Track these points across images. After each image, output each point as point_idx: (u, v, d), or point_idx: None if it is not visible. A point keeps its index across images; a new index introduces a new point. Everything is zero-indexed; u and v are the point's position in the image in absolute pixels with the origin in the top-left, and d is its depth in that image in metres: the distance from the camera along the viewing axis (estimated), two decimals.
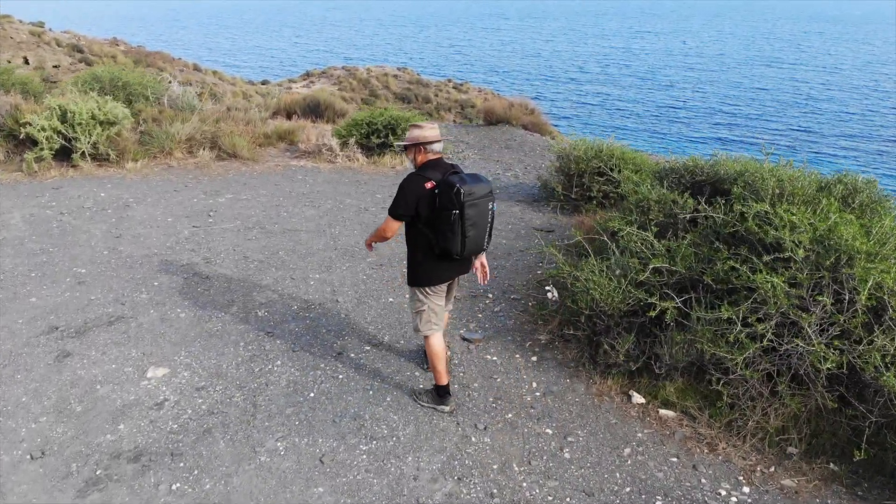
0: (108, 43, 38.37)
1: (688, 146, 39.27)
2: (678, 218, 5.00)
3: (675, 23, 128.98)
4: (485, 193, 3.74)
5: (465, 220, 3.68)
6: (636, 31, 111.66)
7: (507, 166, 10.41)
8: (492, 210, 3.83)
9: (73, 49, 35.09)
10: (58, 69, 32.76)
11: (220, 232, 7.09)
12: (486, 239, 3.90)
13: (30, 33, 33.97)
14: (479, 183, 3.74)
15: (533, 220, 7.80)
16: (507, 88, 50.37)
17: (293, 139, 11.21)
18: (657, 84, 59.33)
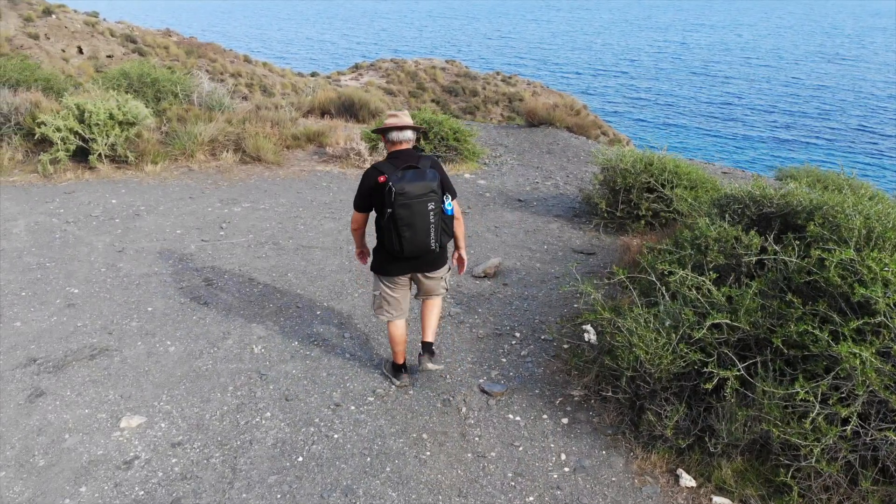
0: (160, 34, 38.78)
1: (743, 145, 37.59)
2: (742, 260, 4.19)
3: (732, 15, 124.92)
4: (420, 193, 3.62)
5: (397, 219, 3.65)
6: (691, 23, 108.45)
7: (548, 174, 9.63)
8: (432, 210, 3.68)
9: (127, 39, 35.51)
10: (111, 59, 33.17)
11: (229, 248, 6.54)
12: (430, 240, 3.75)
13: (84, 23, 34.49)
14: (417, 181, 3.62)
15: (572, 240, 7.03)
16: (556, 81, 49.31)
17: (322, 141, 10.65)
18: (711, 79, 57.25)
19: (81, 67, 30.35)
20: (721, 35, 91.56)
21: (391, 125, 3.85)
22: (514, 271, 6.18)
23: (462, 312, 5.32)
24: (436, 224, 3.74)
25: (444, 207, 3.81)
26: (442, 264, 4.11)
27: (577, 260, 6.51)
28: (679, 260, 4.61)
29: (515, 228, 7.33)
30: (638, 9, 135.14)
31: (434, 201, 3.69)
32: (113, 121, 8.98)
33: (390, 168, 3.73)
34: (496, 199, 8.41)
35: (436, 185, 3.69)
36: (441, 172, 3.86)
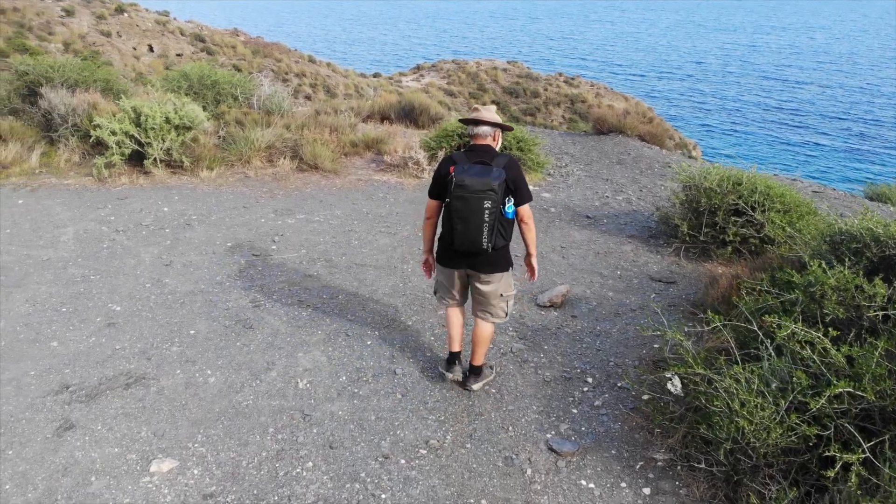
0: (228, 33, 39.54)
1: (815, 154, 35.64)
2: (864, 313, 3.53)
3: (804, 17, 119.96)
4: (478, 189, 3.59)
5: (452, 211, 3.68)
6: (761, 25, 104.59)
7: (619, 187, 8.97)
8: (488, 209, 3.61)
9: (196, 38, 36.29)
10: (180, 57, 33.92)
11: (280, 265, 6.18)
12: (482, 238, 3.68)
13: (155, 22, 35.40)
14: (478, 177, 3.60)
15: (649, 265, 6.39)
16: (619, 83, 48.12)
17: (380, 149, 10.26)
18: (781, 84, 54.86)
19: (152, 65, 31.10)
20: (792, 37, 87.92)
21: (468, 118, 3.86)
22: (583, 301, 5.61)
23: (526, 349, 4.79)
24: (490, 223, 3.66)
25: (503, 209, 3.72)
26: (499, 268, 3.95)
27: (656, 290, 5.88)
28: (784, 306, 3.97)
29: (584, 250, 6.74)
30: (706, 10, 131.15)
31: (492, 200, 3.61)
32: (169, 125, 8.80)
33: (463, 159, 3.76)
34: (562, 216, 7.82)
35: (497, 184, 3.60)
36: (514, 174, 3.73)
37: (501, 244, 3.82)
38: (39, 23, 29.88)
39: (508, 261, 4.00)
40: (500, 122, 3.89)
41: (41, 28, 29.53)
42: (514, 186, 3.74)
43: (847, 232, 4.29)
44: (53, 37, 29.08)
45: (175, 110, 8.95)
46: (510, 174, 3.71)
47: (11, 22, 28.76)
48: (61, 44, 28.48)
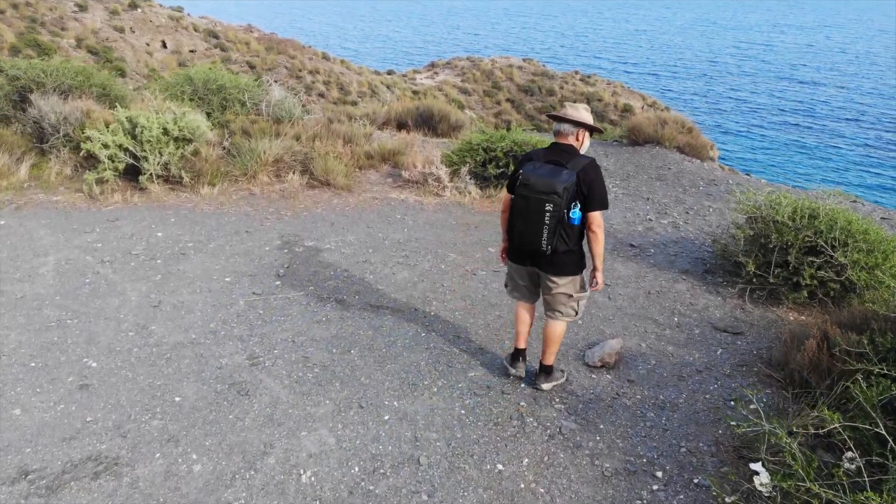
0: (242, 29, 38.92)
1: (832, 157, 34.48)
2: None
3: (821, 14, 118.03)
4: (541, 190, 3.53)
5: (514, 208, 3.69)
6: (777, 23, 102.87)
7: (662, 209, 8.10)
8: (549, 211, 3.54)
9: (210, 34, 35.76)
10: (194, 54, 33.34)
11: (284, 306, 5.38)
12: (542, 240, 3.61)
13: (169, 17, 34.83)
14: (545, 178, 3.54)
15: (709, 310, 5.53)
16: (633, 81, 47.19)
17: (397, 161, 9.45)
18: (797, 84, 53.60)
19: (165, 62, 30.55)
20: (809, 37, 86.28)
21: (553, 114, 3.80)
22: (639, 358, 4.77)
23: (578, 429, 3.95)
24: (551, 226, 3.59)
25: (567, 214, 3.61)
26: (566, 271, 3.85)
27: (721, 343, 5.03)
28: None
29: (632, 288, 5.90)
30: (722, 8, 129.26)
31: (554, 203, 3.53)
32: (167, 136, 8.04)
33: (540, 156, 3.74)
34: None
35: (563, 187, 3.51)
36: (589, 178, 3.60)
37: (563, 249, 3.71)
38: (52, 18, 29.35)
39: (578, 264, 3.88)
40: (587, 121, 3.76)
41: (54, 23, 29.00)
42: (588, 191, 3.61)
43: None
44: (66, 32, 28.55)
45: (174, 120, 8.19)
46: (585, 178, 3.59)
47: (24, 17, 28.25)
48: (74, 39, 27.95)
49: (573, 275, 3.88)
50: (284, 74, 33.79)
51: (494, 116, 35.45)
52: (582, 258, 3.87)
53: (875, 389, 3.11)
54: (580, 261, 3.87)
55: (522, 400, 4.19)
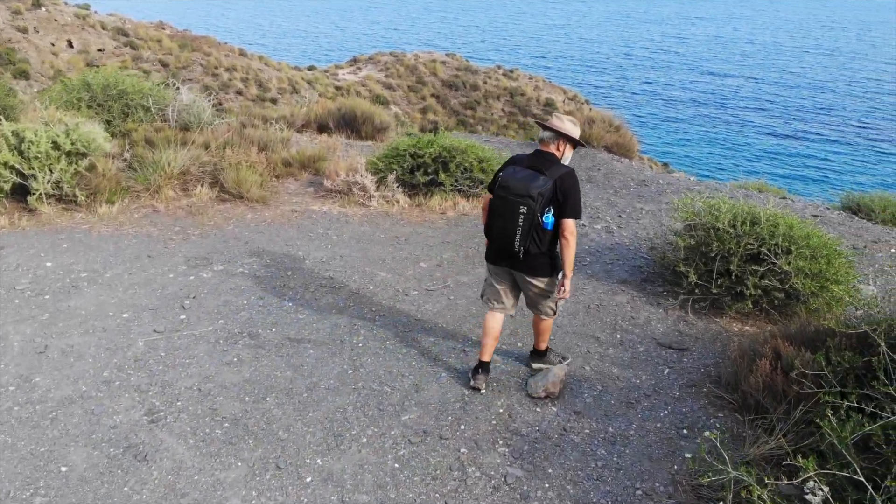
0: (153, 26, 36.95)
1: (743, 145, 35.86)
2: None
3: (729, 6, 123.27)
4: (517, 193, 3.70)
5: (492, 207, 3.87)
6: (687, 16, 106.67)
7: (594, 213, 7.84)
8: (522, 214, 3.71)
9: (119, 32, 33.85)
10: (102, 53, 31.37)
11: (190, 345, 4.78)
12: (515, 241, 3.78)
13: (75, 16, 32.68)
14: (521, 182, 3.71)
15: (652, 324, 5.27)
16: (552, 75, 47.81)
17: (319, 168, 8.88)
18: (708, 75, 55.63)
19: (71, 62, 28.66)
20: (717, 28, 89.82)
21: (540, 121, 4.05)
22: (584, 383, 4.43)
23: (525, 477, 3.56)
24: (524, 228, 3.74)
25: (541, 217, 3.74)
26: (540, 272, 4.00)
27: (667, 360, 4.76)
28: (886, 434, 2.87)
29: (571, 303, 5.57)
30: (635, 1, 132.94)
31: (528, 206, 3.69)
32: (59, 151, 7.21)
33: (521, 161, 3.90)
34: None
35: (537, 192, 3.67)
36: (565, 187, 3.75)
37: (535, 251, 3.85)
38: None
39: (552, 266, 4.01)
40: (570, 133, 3.88)
41: None
42: (563, 198, 3.75)
43: None
44: None
45: (66, 133, 7.36)
46: (561, 185, 3.73)
47: None
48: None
49: (547, 276, 4.02)
50: (200, 72, 32.33)
51: (420, 112, 35.11)
52: (555, 261, 4.00)
53: (848, 426, 2.85)
54: (553, 263, 3.99)
55: (463, 446, 3.77)
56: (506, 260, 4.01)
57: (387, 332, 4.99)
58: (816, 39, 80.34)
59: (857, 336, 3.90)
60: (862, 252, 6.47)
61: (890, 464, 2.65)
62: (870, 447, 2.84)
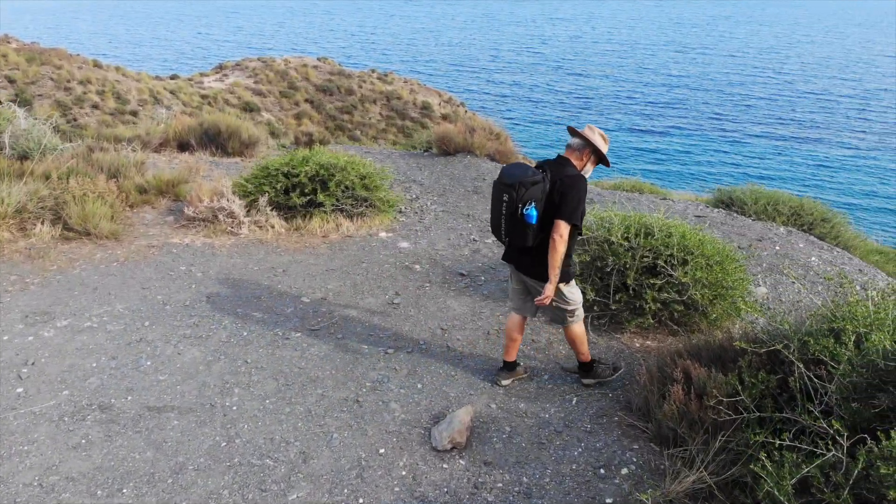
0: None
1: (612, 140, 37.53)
2: None
3: (588, 7, 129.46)
4: (505, 183, 3.76)
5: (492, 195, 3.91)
6: (549, 17, 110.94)
7: (484, 226, 7.54)
8: (505, 203, 3.77)
9: None
10: None
11: (28, 427, 3.95)
12: (501, 228, 3.89)
13: None
14: (515, 174, 3.76)
15: (554, 347, 4.98)
16: (423, 79, 47.98)
17: (179, 193, 8.02)
18: (572, 74, 58.01)
19: None
20: (578, 27, 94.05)
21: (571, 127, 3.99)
22: (492, 426, 4.05)
23: None
24: (506, 217, 3.80)
25: (522, 209, 3.73)
26: (539, 277, 3.93)
27: (574, 387, 4.47)
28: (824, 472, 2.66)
29: (470, 330, 5.20)
30: (500, 3, 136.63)
31: (509, 195, 3.73)
32: None
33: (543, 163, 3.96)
34: (430, 275, 6.23)
35: (519, 182, 3.69)
36: (563, 187, 3.74)
37: (519, 243, 3.85)
38: None
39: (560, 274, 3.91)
40: (597, 144, 3.88)
41: None
42: (559, 199, 3.73)
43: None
44: None
45: None
46: (560, 186, 3.73)
47: None
48: None
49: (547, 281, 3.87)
50: (50, 87, 29.66)
51: (294, 118, 34.10)
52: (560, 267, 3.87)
53: (785, 471, 2.61)
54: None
55: None
56: (512, 258, 4.07)
57: (265, 387, 4.38)
58: (668, 36, 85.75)
59: (767, 352, 3.75)
60: (750, 253, 6.56)
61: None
62: (807, 488, 2.62)
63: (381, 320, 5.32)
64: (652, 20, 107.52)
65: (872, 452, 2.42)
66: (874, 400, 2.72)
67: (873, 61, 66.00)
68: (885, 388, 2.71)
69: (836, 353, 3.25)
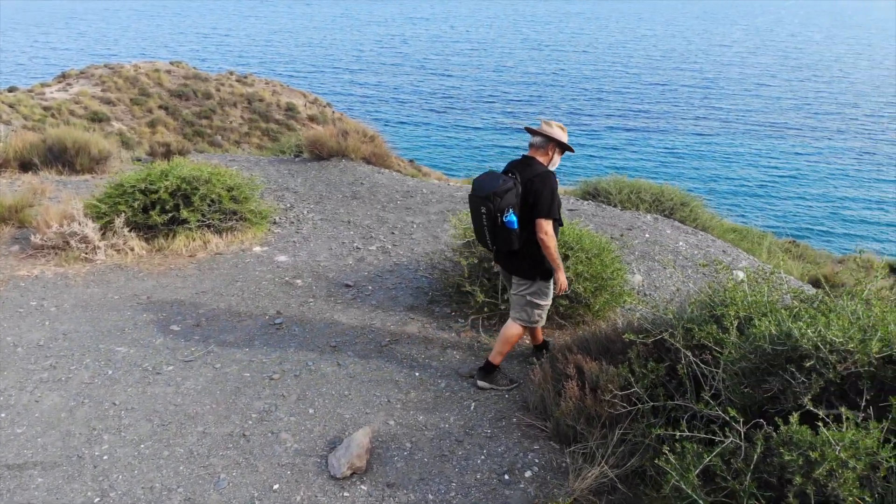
0: None
1: (473, 138, 38.47)
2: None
3: (446, 6, 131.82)
4: (479, 195, 3.86)
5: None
6: (409, 16, 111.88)
7: (367, 232, 7.35)
8: (484, 214, 3.87)
9: None
10: None
11: None
12: (486, 239, 4.00)
13: None
14: (486, 184, 3.86)
15: (447, 353, 4.90)
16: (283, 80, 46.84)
17: (24, 219, 7.21)
18: (435, 74, 58.90)
19: None
20: (437, 27, 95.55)
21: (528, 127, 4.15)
22: (392, 444, 3.89)
23: None
24: (488, 227, 3.90)
25: (501, 217, 3.83)
26: (523, 273, 4.11)
27: (471, 393, 4.41)
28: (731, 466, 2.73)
29: (361, 344, 5.01)
30: (360, 3, 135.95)
31: (486, 206, 3.83)
32: None
33: (508, 165, 4.12)
34: (314, 289, 5.96)
35: (493, 193, 3.77)
36: (534, 188, 3.86)
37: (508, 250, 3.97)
38: None
39: (535, 269, 4.07)
40: (558, 137, 4.00)
41: None
42: (534, 199, 3.86)
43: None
44: None
45: None
46: (531, 186, 3.86)
47: None
48: None
49: (529, 279, 4.10)
50: None
51: (148, 126, 32.10)
52: (540, 264, 4.05)
53: (688, 462, 2.65)
54: (537, 266, 4.05)
55: None
56: (499, 259, 4.23)
57: (139, 431, 3.97)
58: (523, 34, 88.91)
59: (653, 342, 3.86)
60: (623, 243, 6.81)
61: (736, 495, 2.49)
62: (711, 477, 2.69)
63: (263, 344, 5.01)
64: (507, 18, 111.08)
65: (772, 438, 2.51)
66: (765, 384, 2.83)
67: (712, 51, 71.92)
68: (773, 371, 2.83)
69: (720, 338, 3.39)
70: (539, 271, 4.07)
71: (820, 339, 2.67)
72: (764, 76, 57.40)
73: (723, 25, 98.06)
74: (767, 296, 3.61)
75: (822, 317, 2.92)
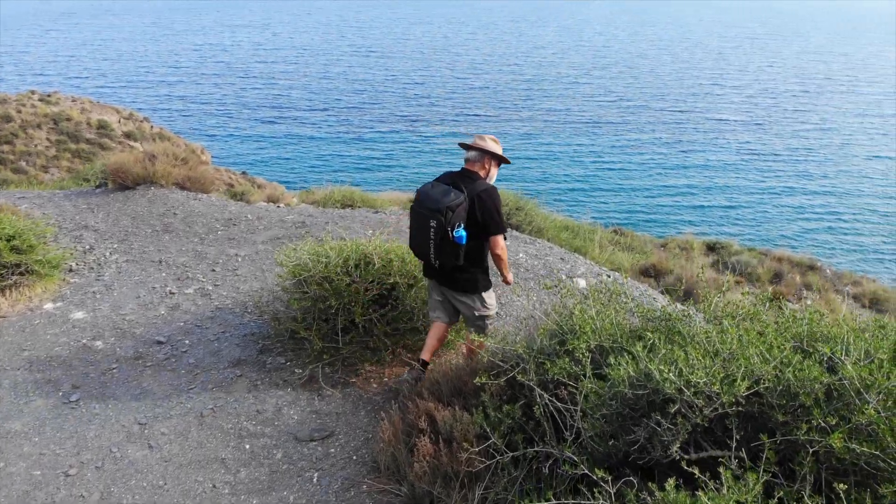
0: None
1: (311, 147, 37.48)
2: None
3: (267, 12, 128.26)
4: (427, 207, 3.81)
5: (410, 221, 4.00)
6: (226, 24, 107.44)
7: (182, 272, 6.45)
8: (433, 228, 3.80)
9: None
10: None
11: None
12: (430, 253, 3.90)
13: None
14: (433, 197, 3.82)
15: (283, 414, 4.28)
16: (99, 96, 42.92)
17: None
18: (260, 81, 56.93)
19: None
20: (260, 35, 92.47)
21: (464, 142, 4.15)
22: None
23: None
24: (436, 241, 3.83)
25: (451, 232, 3.79)
26: (467, 289, 4.09)
27: (312, 461, 3.84)
28: None
29: (178, 418, 4.24)
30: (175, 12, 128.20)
31: (437, 221, 3.77)
32: None
33: (445, 178, 4.01)
34: (118, 351, 5.05)
35: (445, 207, 3.75)
36: (483, 206, 3.87)
37: (453, 265, 3.93)
38: None
39: (479, 283, 4.09)
40: (492, 150, 4.04)
41: None
42: (482, 217, 3.89)
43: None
44: None
45: None
46: (480, 203, 3.87)
47: None
48: None
49: (472, 293, 4.10)
50: None
51: None
52: (483, 278, 4.10)
53: None
54: (480, 280, 4.08)
55: None
56: (435, 276, 4.12)
57: None
58: (349, 39, 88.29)
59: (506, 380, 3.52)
60: None
61: None
62: None
63: (56, 430, 4.11)
64: (331, 24, 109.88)
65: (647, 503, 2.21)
66: (630, 434, 2.55)
67: (531, 53, 75.61)
68: (637, 419, 2.56)
69: (573, 372, 3.12)
70: (482, 285, 4.11)
71: (683, 381, 2.43)
72: (580, 74, 61.22)
73: (536, 27, 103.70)
74: (615, 319, 3.41)
75: (680, 350, 2.70)
